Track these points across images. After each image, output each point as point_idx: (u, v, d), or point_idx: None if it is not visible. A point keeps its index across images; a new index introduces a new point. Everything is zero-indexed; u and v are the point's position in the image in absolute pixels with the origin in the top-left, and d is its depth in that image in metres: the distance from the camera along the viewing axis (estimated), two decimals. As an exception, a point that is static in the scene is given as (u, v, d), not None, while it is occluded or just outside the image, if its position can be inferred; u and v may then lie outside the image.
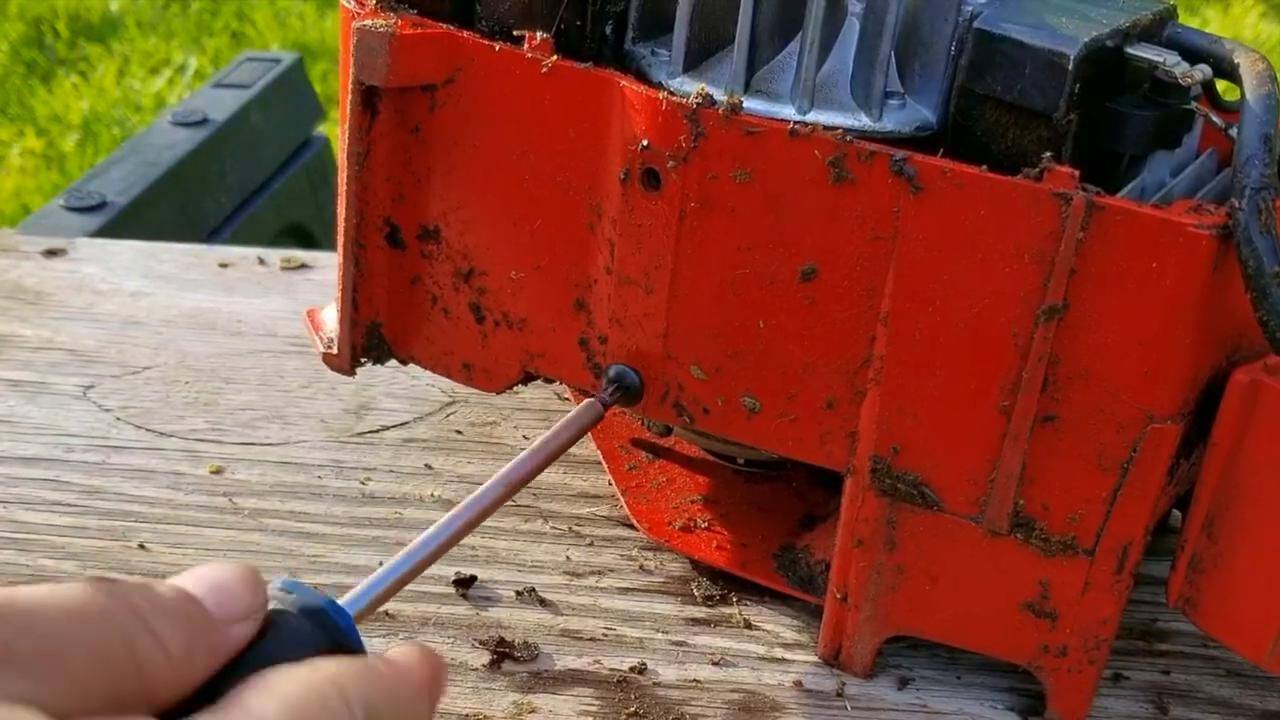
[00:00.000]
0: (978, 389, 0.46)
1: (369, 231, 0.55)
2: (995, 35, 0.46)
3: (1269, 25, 2.62)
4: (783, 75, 0.49)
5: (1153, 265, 0.43)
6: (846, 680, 0.55)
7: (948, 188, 0.44)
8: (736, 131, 0.46)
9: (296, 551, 0.59)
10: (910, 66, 0.49)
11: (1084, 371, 0.45)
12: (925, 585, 0.51)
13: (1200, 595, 0.48)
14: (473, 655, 0.54)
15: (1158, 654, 0.57)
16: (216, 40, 2.62)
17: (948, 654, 0.56)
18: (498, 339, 0.56)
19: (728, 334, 0.50)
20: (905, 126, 0.48)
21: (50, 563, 0.58)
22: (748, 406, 0.51)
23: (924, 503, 0.49)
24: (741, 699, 0.53)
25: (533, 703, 0.52)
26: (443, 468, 0.66)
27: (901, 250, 0.45)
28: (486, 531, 0.61)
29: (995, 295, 0.45)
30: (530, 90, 0.50)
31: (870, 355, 0.48)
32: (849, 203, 0.46)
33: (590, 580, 0.59)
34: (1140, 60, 0.47)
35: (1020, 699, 0.54)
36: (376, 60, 0.50)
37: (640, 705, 0.53)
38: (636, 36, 0.52)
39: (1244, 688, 0.56)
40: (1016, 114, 0.46)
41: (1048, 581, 0.49)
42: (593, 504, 0.64)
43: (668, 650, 0.56)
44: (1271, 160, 0.43)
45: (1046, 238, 0.43)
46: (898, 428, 0.48)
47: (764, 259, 0.48)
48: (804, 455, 0.51)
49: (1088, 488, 0.47)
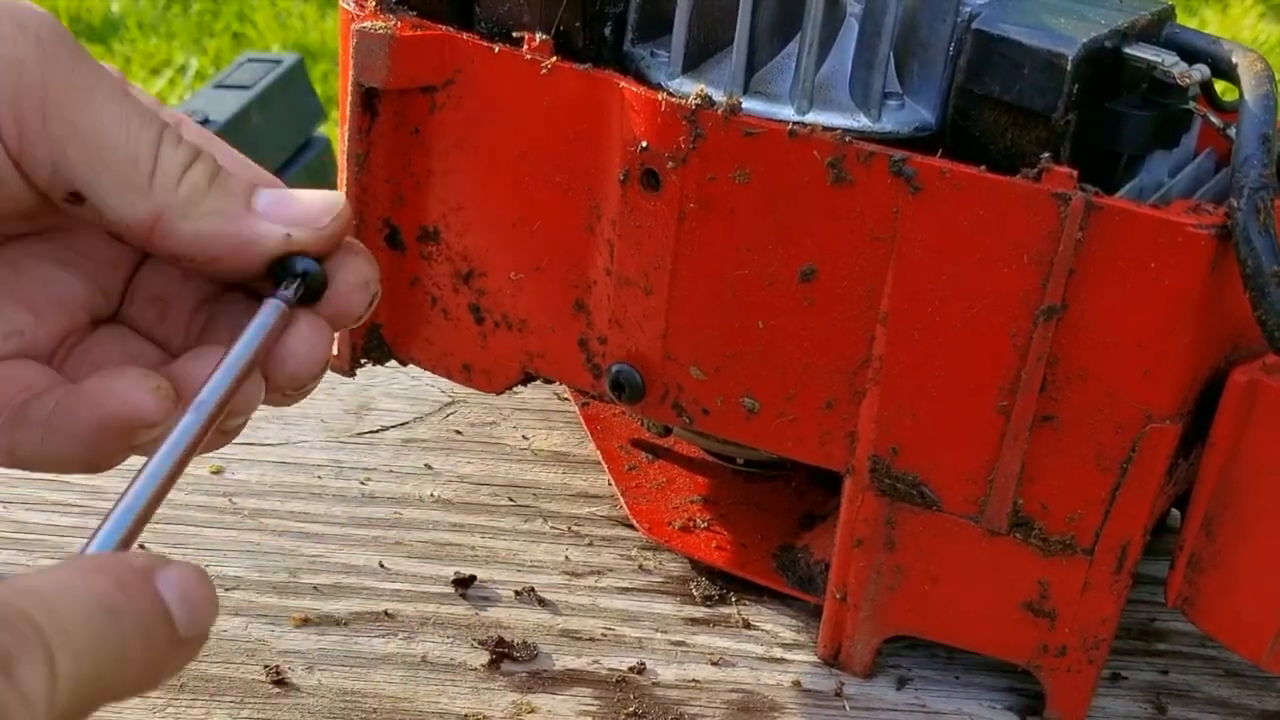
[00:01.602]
0: (977, 389, 0.47)
1: (368, 233, 0.55)
2: (994, 36, 0.46)
3: (1267, 25, 2.62)
4: (782, 76, 0.49)
5: (1151, 265, 0.43)
6: (845, 680, 0.55)
7: (946, 188, 0.44)
8: (735, 132, 0.46)
9: (296, 551, 0.59)
10: (909, 67, 0.49)
11: (1083, 371, 0.45)
12: (924, 585, 0.52)
13: (1199, 595, 0.48)
14: (472, 655, 0.54)
15: (1156, 654, 0.57)
16: (217, 41, 2.62)
17: (946, 654, 0.56)
18: (497, 340, 0.56)
19: (727, 334, 0.50)
20: (904, 127, 0.48)
21: (51, 563, 0.58)
22: (747, 407, 0.51)
23: (923, 502, 0.49)
24: (740, 699, 0.53)
25: (532, 703, 0.52)
26: (442, 468, 0.66)
27: (900, 250, 0.46)
28: (486, 532, 0.61)
29: (994, 295, 0.45)
30: (529, 92, 0.50)
31: (869, 355, 0.48)
32: (848, 203, 0.46)
33: (589, 580, 0.59)
34: (1138, 60, 0.47)
35: (1019, 699, 0.54)
36: (376, 62, 0.50)
37: (639, 705, 0.53)
38: (635, 38, 0.52)
39: (1242, 687, 0.56)
40: (1015, 114, 0.46)
41: (1047, 581, 0.49)
42: (592, 504, 0.64)
43: (667, 650, 0.56)
44: (1270, 160, 0.43)
45: (1045, 238, 0.43)
46: (897, 428, 0.48)
47: (763, 259, 0.48)
48: (803, 455, 0.51)
49: (1086, 487, 0.47)
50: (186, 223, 0.36)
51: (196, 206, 0.36)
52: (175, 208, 0.35)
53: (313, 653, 0.54)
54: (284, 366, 0.37)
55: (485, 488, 0.64)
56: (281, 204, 0.37)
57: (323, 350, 0.38)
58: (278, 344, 0.37)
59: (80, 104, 0.34)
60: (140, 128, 0.35)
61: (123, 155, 0.35)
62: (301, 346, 0.37)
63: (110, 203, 0.35)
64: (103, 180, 0.34)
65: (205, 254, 0.36)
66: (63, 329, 0.38)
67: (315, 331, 0.37)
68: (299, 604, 0.56)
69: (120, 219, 0.35)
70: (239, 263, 0.37)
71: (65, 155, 0.34)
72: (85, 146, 0.34)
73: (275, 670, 0.52)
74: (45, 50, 0.34)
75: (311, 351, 0.37)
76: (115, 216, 0.35)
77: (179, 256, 0.36)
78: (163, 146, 0.35)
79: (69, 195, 0.35)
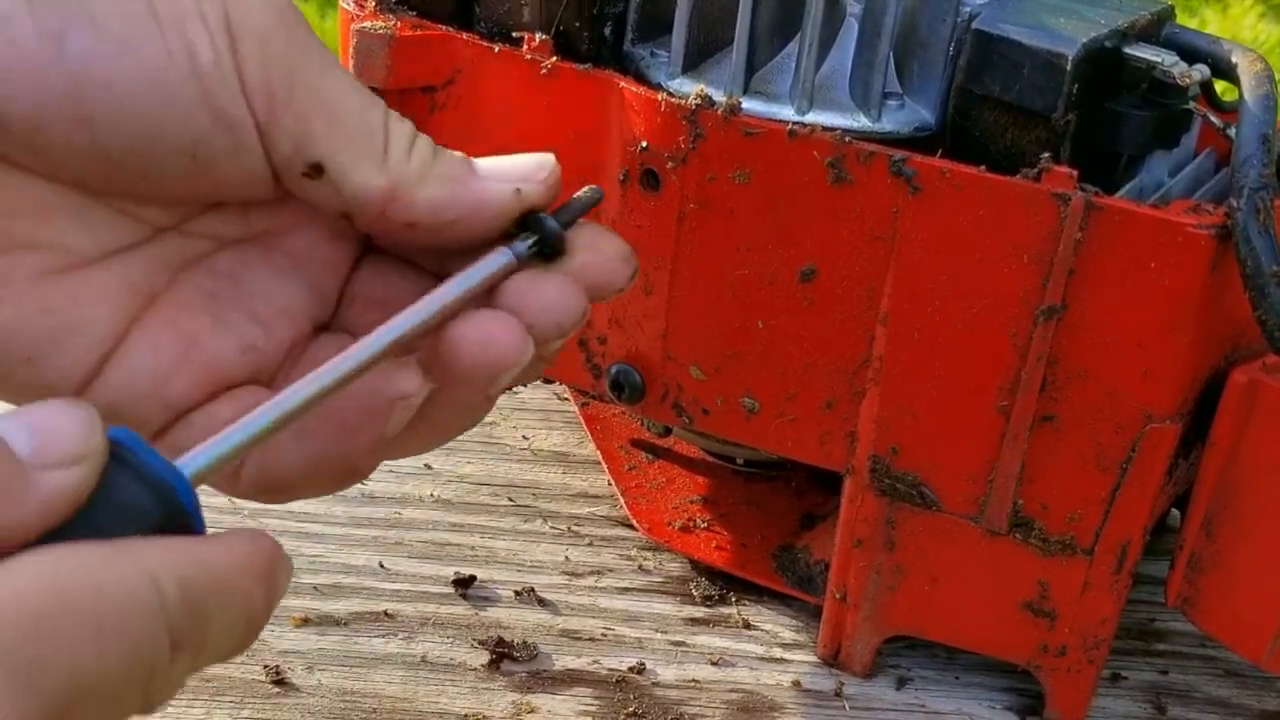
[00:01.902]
0: (977, 389, 0.47)
1: (368, 232, 0.55)
2: (994, 36, 0.46)
3: (1267, 26, 2.62)
4: (781, 76, 0.49)
5: (1151, 265, 0.43)
6: (845, 680, 0.55)
7: (946, 188, 0.44)
8: (735, 132, 0.46)
9: (296, 551, 0.59)
10: (909, 67, 0.49)
11: (1082, 371, 0.45)
12: (924, 585, 0.52)
13: (1199, 595, 0.48)
14: (472, 655, 0.54)
15: (1156, 654, 0.57)
16: (216, 41, 2.62)
17: (946, 654, 0.56)
18: (497, 339, 0.56)
19: (727, 334, 0.50)
20: (904, 127, 0.48)
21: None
22: (747, 407, 0.51)
23: (923, 502, 0.49)
24: (740, 699, 0.53)
25: (532, 703, 0.52)
26: (442, 468, 0.66)
27: (900, 250, 0.46)
28: (486, 532, 0.61)
29: (994, 295, 0.45)
30: (529, 92, 0.50)
31: (869, 355, 0.48)
32: (848, 203, 0.46)
33: (589, 580, 0.59)
34: (1138, 60, 0.47)
35: (1019, 699, 0.54)
36: (376, 62, 0.50)
37: (639, 705, 0.53)
38: (635, 38, 0.52)
39: (1242, 687, 0.56)
40: (1015, 114, 0.46)
41: (1047, 581, 0.49)
42: (592, 504, 0.64)
43: (667, 650, 0.56)
44: (1269, 160, 0.43)
45: (1045, 238, 0.43)
46: (897, 428, 0.48)
47: (763, 260, 0.48)
48: (803, 455, 0.51)
49: (1086, 487, 0.47)
50: (421, 190, 0.36)
51: (428, 175, 0.36)
52: (409, 177, 0.36)
53: (312, 653, 0.54)
54: (525, 312, 0.36)
55: (485, 488, 0.64)
56: (500, 165, 0.38)
57: (575, 305, 0.37)
58: (533, 295, 0.36)
59: (321, 76, 0.34)
60: (371, 102, 0.36)
61: (360, 128, 0.35)
62: (554, 294, 0.36)
63: (349, 174, 0.35)
64: (343, 152, 0.35)
65: (440, 219, 0.36)
66: (289, 339, 0.38)
67: (565, 285, 0.37)
68: (299, 604, 0.56)
69: (359, 191, 0.35)
70: (473, 225, 0.37)
71: (309, 126, 0.34)
72: (328, 118, 0.34)
73: (275, 670, 0.52)
74: (286, 23, 0.34)
75: (561, 300, 0.37)
76: (354, 189, 0.35)
77: (415, 224, 0.36)
78: (390, 120, 0.36)
79: (309, 168, 0.35)
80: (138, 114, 0.32)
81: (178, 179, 0.34)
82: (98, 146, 0.33)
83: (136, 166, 0.33)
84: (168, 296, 0.36)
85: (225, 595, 0.28)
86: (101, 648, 0.25)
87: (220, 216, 0.37)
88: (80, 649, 0.25)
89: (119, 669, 0.26)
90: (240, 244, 0.38)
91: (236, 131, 0.33)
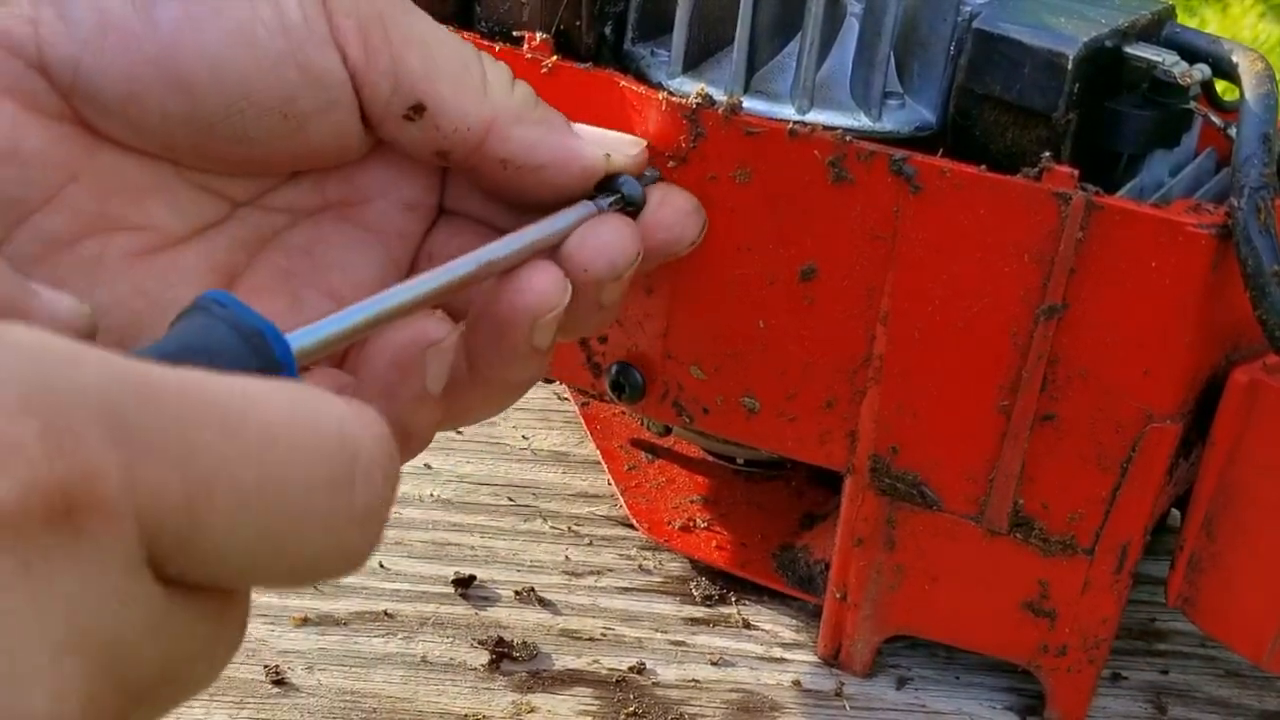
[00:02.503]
0: (977, 388, 0.47)
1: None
2: (994, 35, 0.46)
3: (1268, 25, 2.62)
4: (782, 75, 0.49)
5: (1152, 265, 0.43)
6: (845, 680, 0.55)
7: (947, 187, 0.44)
8: (736, 132, 0.46)
9: (296, 551, 0.59)
10: (909, 67, 0.49)
11: (1083, 371, 0.45)
12: (925, 585, 0.52)
13: (1199, 595, 0.48)
14: (471, 655, 0.54)
15: (1156, 654, 0.57)
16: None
17: (946, 653, 0.56)
18: (497, 339, 0.56)
19: (728, 334, 0.50)
20: (904, 126, 0.48)
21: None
22: (747, 406, 0.51)
23: (923, 502, 0.49)
24: (740, 699, 0.53)
25: (532, 702, 0.52)
26: (442, 468, 0.66)
27: (901, 250, 0.46)
28: (485, 531, 0.61)
29: (994, 295, 0.45)
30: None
31: (870, 355, 0.48)
32: (848, 203, 0.46)
33: (589, 580, 0.59)
34: (1139, 60, 0.47)
35: (1019, 699, 0.54)
36: (376, 60, 0.50)
37: (639, 705, 0.53)
38: (636, 37, 0.52)
39: (1242, 687, 0.56)
40: (1016, 114, 0.46)
41: (1047, 581, 0.49)
42: (592, 504, 0.64)
43: (667, 650, 0.56)
44: (1270, 159, 0.43)
45: (1046, 237, 0.43)
46: (897, 427, 0.48)
47: (764, 259, 0.48)
48: (803, 455, 0.51)
49: (1087, 487, 0.47)
50: (520, 127, 0.36)
51: (528, 115, 0.37)
52: (510, 111, 0.36)
53: (312, 652, 0.54)
54: (580, 252, 0.36)
55: (485, 487, 0.64)
56: (594, 131, 0.39)
57: (627, 246, 0.37)
58: (588, 236, 0.37)
59: (408, 16, 0.35)
60: (462, 41, 0.36)
61: (457, 62, 0.35)
62: (608, 234, 0.37)
63: (449, 109, 0.35)
64: (442, 86, 0.35)
65: (534, 160, 0.37)
66: None
67: (623, 228, 0.37)
68: (299, 603, 0.56)
69: (459, 125, 0.35)
70: (560, 176, 0.37)
71: (406, 63, 0.34)
72: (424, 54, 0.35)
73: (275, 670, 0.52)
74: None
75: (615, 240, 0.37)
76: (454, 123, 0.35)
77: (508, 161, 0.37)
78: (485, 58, 0.36)
79: (410, 109, 0.35)
80: (231, 76, 0.33)
81: (269, 141, 0.34)
82: (194, 113, 0.33)
83: (230, 131, 0.33)
84: (246, 278, 0.36)
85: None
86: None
87: (297, 188, 0.37)
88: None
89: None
90: (315, 216, 0.38)
91: (326, 85, 0.34)
